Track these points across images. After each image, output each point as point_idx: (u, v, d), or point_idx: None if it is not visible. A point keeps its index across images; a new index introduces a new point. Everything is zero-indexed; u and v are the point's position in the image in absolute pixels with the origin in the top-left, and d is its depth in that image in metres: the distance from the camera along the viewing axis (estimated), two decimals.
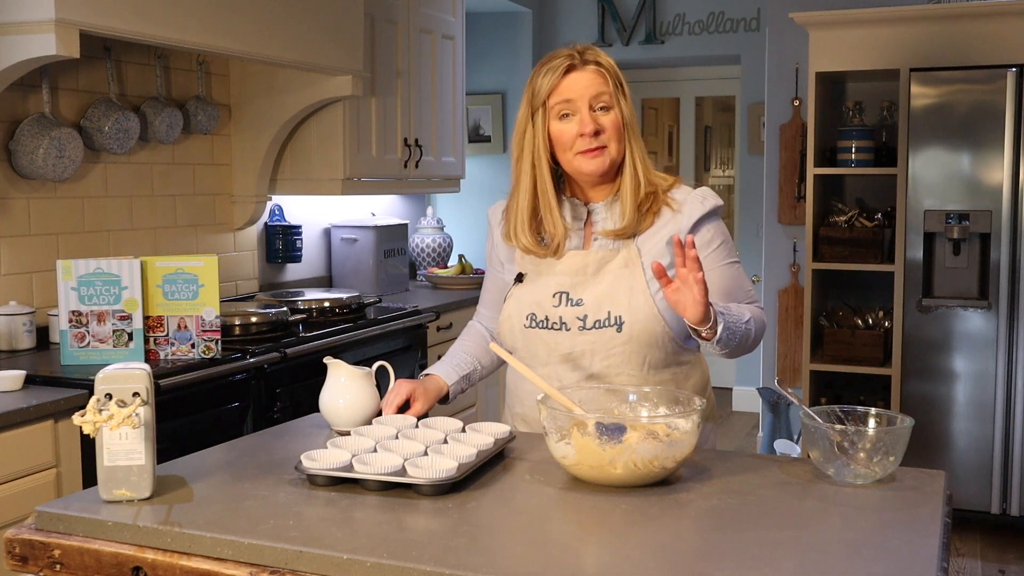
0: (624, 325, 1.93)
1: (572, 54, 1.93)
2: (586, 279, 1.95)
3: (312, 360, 3.01)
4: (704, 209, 1.97)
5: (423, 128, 4.43)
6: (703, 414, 1.69)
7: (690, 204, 1.97)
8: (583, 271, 1.96)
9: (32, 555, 1.51)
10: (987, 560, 3.93)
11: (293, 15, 3.32)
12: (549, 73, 1.92)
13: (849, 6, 4.78)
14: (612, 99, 1.92)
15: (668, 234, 1.95)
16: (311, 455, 1.67)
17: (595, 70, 1.92)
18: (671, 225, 1.96)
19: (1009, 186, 4.02)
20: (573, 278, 1.96)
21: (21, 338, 2.90)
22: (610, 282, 1.94)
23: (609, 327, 1.93)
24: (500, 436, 1.81)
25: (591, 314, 1.94)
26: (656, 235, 1.96)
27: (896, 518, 1.52)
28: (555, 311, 1.96)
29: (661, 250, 1.96)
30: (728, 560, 1.36)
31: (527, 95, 1.97)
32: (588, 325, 1.94)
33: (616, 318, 1.93)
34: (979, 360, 4.12)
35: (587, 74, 1.92)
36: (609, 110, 1.92)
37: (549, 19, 6.24)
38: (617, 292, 1.93)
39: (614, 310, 1.93)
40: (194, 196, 3.71)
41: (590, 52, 1.94)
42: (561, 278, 1.97)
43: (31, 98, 3.03)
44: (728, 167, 7.51)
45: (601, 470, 1.62)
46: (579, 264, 1.96)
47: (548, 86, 1.92)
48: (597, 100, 1.92)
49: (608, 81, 1.92)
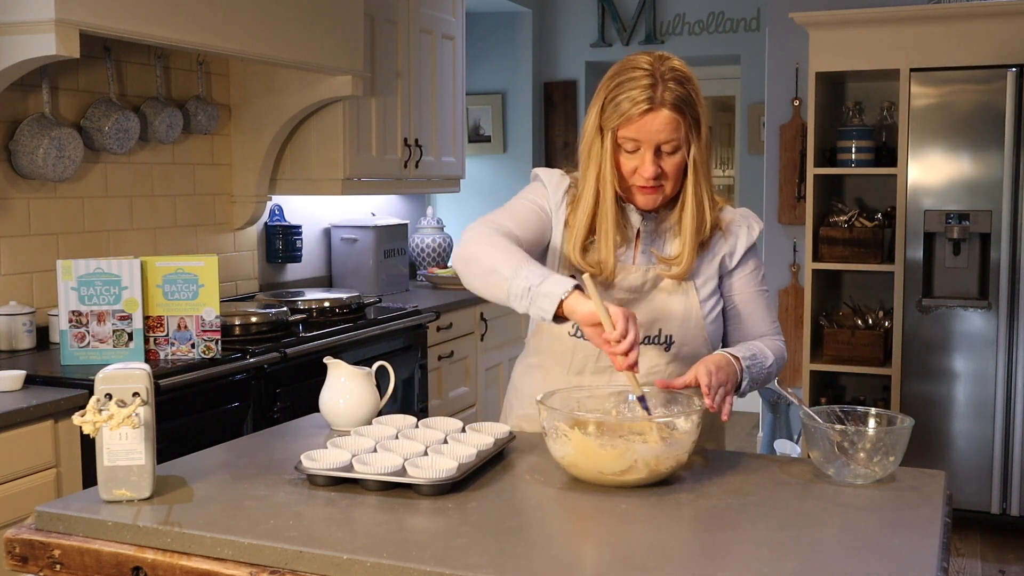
0: (673, 345, 1.92)
1: (654, 87, 1.79)
2: (640, 296, 1.92)
3: (312, 360, 3.01)
4: (752, 238, 1.97)
5: (423, 128, 4.43)
6: (703, 415, 1.69)
7: (740, 228, 1.96)
8: (640, 289, 1.92)
9: (32, 555, 1.51)
10: (987, 560, 3.93)
11: (293, 15, 3.32)
12: (626, 103, 1.80)
13: (849, 6, 4.78)
14: (682, 141, 1.83)
15: (718, 255, 1.95)
16: (311, 455, 1.67)
17: (669, 116, 1.79)
18: (721, 246, 1.95)
19: (1009, 186, 4.02)
20: (629, 294, 1.92)
21: (21, 338, 2.90)
22: (663, 300, 1.92)
23: (658, 345, 1.92)
24: (500, 436, 1.81)
25: (642, 331, 1.89)
26: (707, 256, 1.95)
27: (896, 518, 1.52)
28: None
29: (712, 272, 1.95)
30: (728, 560, 1.36)
31: (598, 103, 1.86)
32: None
33: (667, 337, 1.92)
34: (979, 360, 4.12)
35: (662, 118, 1.80)
36: (676, 151, 1.84)
37: (549, 19, 6.24)
38: (670, 312, 1.92)
39: (665, 328, 1.92)
40: (194, 196, 3.71)
41: (671, 87, 1.79)
42: (618, 292, 1.91)
43: (31, 98, 3.03)
44: (728, 167, 7.51)
45: (600, 470, 1.62)
46: (637, 282, 1.91)
47: (620, 117, 1.81)
48: (666, 145, 1.83)
49: (682, 125, 1.81)
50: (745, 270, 1.97)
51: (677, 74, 1.82)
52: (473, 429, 1.84)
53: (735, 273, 1.97)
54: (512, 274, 1.72)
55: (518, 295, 1.71)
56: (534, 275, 1.70)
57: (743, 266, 1.97)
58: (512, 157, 6.16)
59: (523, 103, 6.14)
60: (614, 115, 1.82)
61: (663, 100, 1.79)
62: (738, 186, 6.40)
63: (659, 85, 1.80)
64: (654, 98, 1.79)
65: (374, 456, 1.65)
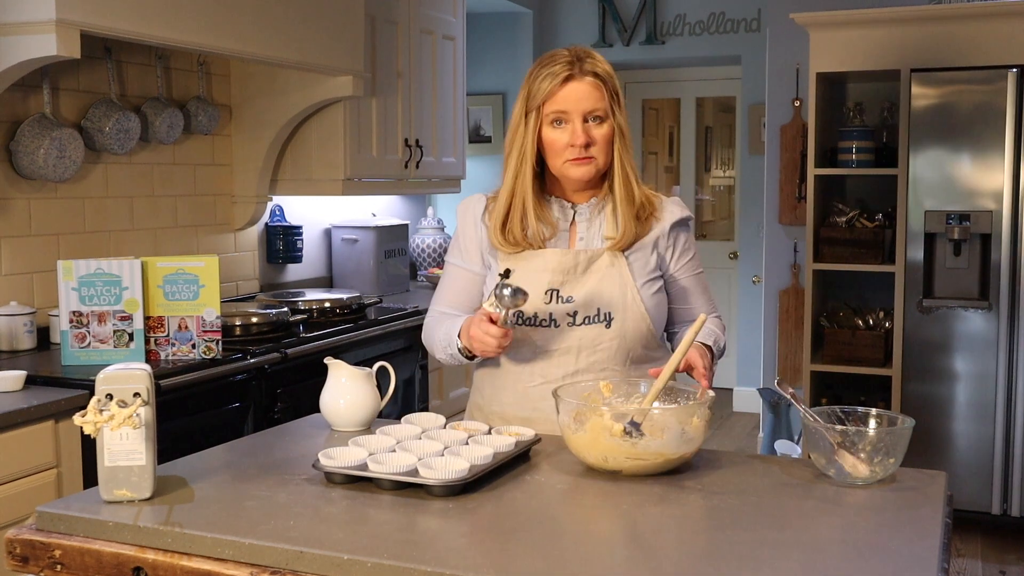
0: (613, 321, 1.99)
1: (572, 61, 1.94)
2: (575, 277, 1.99)
3: (313, 360, 3.01)
4: (680, 215, 2.06)
5: (423, 128, 4.43)
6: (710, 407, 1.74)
7: (668, 209, 2.06)
8: (573, 269, 1.99)
9: (33, 555, 1.51)
10: (987, 561, 3.93)
11: (294, 15, 3.32)
12: (548, 79, 1.93)
13: (849, 6, 4.78)
14: (606, 111, 1.95)
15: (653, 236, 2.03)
16: (328, 453, 1.67)
17: (592, 82, 1.93)
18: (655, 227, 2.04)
19: (1010, 187, 4.02)
20: (563, 276, 1.99)
21: (22, 338, 2.90)
22: (598, 280, 1.99)
23: (598, 323, 1.99)
24: (523, 439, 1.81)
25: (581, 310, 1.99)
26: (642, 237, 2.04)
27: (896, 518, 1.52)
28: (545, 308, 1.99)
29: (647, 251, 2.03)
30: (728, 560, 1.36)
31: (523, 94, 1.98)
32: (578, 321, 1.99)
33: (606, 315, 1.99)
34: (980, 361, 4.12)
35: (584, 86, 1.93)
36: (602, 122, 1.95)
37: (549, 19, 6.25)
38: (606, 289, 1.99)
39: (604, 307, 1.99)
40: (195, 196, 3.71)
41: (589, 61, 1.95)
42: (552, 275, 1.99)
43: (32, 98, 3.03)
44: (729, 167, 7.51)
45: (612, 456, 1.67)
46: (569, 263, 1.99)
47: (544, 92, 1.93)
48: (591, 113, 1.94)
49: (604, 94, 1.94)
50: (685, 256, 2.08)
51: (594, 57, 1.97)
52: (498, 432, 1.85)
53: (676, 258, 2.07)
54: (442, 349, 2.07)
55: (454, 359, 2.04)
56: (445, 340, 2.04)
57: (682, 250, 2.07)
58: None
59: None
60: (539, 94, 1.94)
61: (583, 71, 1.94)
62: (739, 186, 6.40)
63: (577, 63, 1.94)
64: (574, 70, 1.93)
65: (390, 456, 1.65)
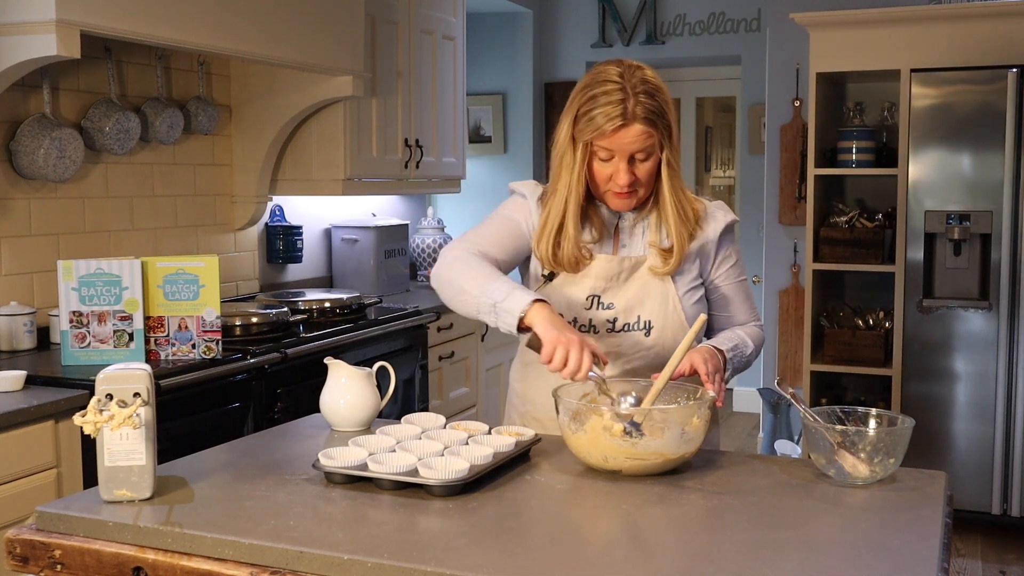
0: (653, 330, 1.98)
1: (625, 102, 1.85)
2: (618, 284, 1.99)
3: (313, 360, 3.01)
4: (727, 220, 2.03)
5: (424, 128, 4.43)
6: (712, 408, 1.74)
7: (714, 216, 2.02)
8: (616, 276, 1.98)
9: (33, 555, 1.51)
10: (988, 561, 3.93)
11: (293, 15, 3.32)
12: (600, 118, 1.86)
13: (849, 6, 4.78)
14: (654, 147, 1.90)
15: (697, 243, 2.00)
16: (329, 453, 1.67)
17: (642, 129, 1.86)
18: (699, 235, 2.01)
19: (1010, 187, 4.02)
20: (606, 282, 1.98)
21: (22, 338, 2.90)
22: (640, 287, 1.98)
23: (638, 331, 1.98)
24: (523, 439, 1.81)
25: (620, 317, 1.98)
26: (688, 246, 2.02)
27: (896, 518, 1.52)
28: (586, 314, 1.99)
29: (691, 260, 2.01)
30: (728, 560, 1.36)
31: (571, 114, 1.91)
32: (617, 328, 1.98)
33: (646, 323, 1.98)
34: (980, 361, 4.12)
35: (634, 131, 1.86)
36: (648, 158, 1.91)
37: (549, 19, 6.25)
38: (647, 298, 1.98)
39: (644, 315, 1.98)
40: (195, 196, 3.71)
41: (642, 103, 1.85)
42: (595, 281, 1.98)
43: (32, 98, 3.03)
44: (729, 167, 7.51)
45: (612, 456, 1.67)
46: (613, 270, 1.98)
47: (595, 131, 1.87)
48: (639, 154, 1.89)
49: (655, 135, 1.88)
50: (727, 263, 2.05)
51: (648, 86, 1.88)
52: (499, 432, 1.84)
53: (716, 265, 2.04)
54: (479, 292, 1.83)
55: (486, 311, 1.82)
56: (499, 292, 1.80)
57: (723, 257, 2.04)
58: (513, 158, 6.16)
59: (524, 104, 6.14)
60: (587, 129, 1.88)
61: (635, 114, 1.86)
62: (739, 186, 6.40)
63: (630, 99, 1.86)
64: (626, 112, 1.85)
65: (390, 456, 1.65)
